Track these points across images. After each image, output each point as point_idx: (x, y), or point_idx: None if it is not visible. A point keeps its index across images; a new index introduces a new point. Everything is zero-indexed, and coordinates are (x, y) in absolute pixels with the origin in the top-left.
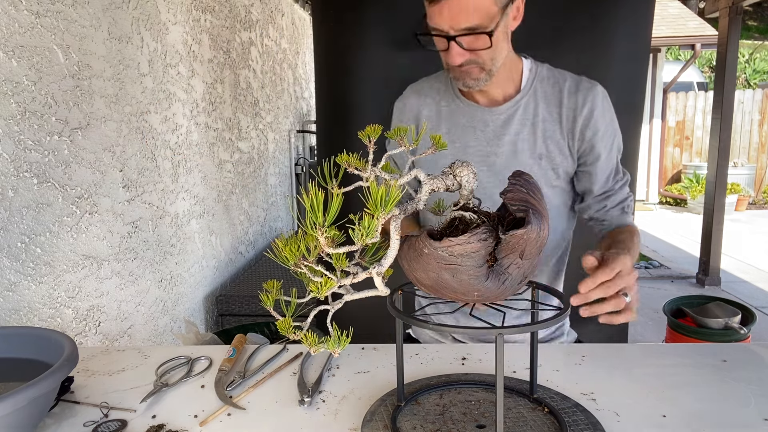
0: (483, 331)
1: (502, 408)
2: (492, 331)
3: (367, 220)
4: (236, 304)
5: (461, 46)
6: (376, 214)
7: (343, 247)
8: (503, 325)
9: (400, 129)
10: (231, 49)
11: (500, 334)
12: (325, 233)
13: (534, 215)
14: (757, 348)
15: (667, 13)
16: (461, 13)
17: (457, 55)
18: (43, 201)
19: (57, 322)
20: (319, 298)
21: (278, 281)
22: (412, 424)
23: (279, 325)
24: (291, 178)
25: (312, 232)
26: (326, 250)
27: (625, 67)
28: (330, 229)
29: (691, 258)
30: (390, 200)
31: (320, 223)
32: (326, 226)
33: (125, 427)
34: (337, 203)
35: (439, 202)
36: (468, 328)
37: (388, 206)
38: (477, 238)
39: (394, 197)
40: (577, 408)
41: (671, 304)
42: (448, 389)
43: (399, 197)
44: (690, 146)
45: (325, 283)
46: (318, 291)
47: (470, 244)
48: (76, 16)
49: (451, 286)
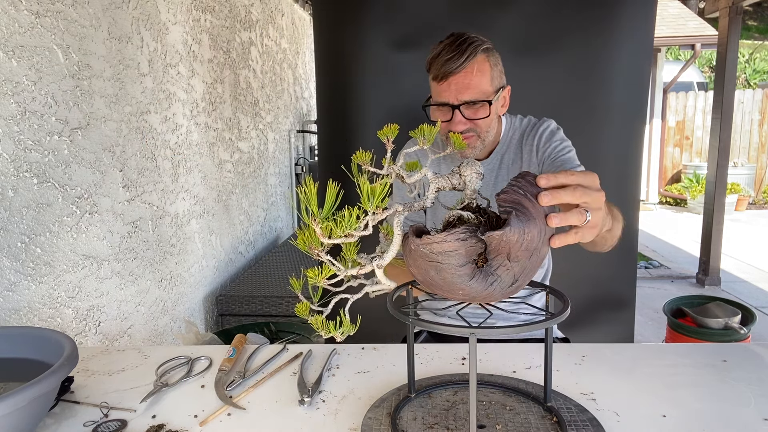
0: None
1: (475, 407)
2: (465, 331)
3: (348, 212)
4: (236, 304)
5: (463, 116)
6: (367, 208)
7: (337, 238)
8: (479, 325)
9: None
10: (231, 49)
11: (472, 333)
12: (320, 224)
13: (517, 217)
14: (757, 348)
15: (667, 13)
16: (466, 88)
17: (459, 123)
18: (43, 201)
19: (57, 322)
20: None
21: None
22: (414, 415)
23: (298, 308)
24: (291, 178)
25: (308, 221)
26: (321, 240)
27: (627, 68)
28: (324, 220)
29: (691, 258)
30: (378, 195)
31: (315, 214)
32: (322, 217)
33: (125, 427)
34: (333, 195)
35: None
36: (444, 326)
37: (376, 200)
38: (454, 237)
39: (380, 192)
40: (591, 423)
41: (671, 304)
42: (464, 387)
43: (386, 192)
44: (690, 146)
45: (323, 270)
46: (315, 278)
47: (447, 242)
48: (76, 16)
49: (437, 283)
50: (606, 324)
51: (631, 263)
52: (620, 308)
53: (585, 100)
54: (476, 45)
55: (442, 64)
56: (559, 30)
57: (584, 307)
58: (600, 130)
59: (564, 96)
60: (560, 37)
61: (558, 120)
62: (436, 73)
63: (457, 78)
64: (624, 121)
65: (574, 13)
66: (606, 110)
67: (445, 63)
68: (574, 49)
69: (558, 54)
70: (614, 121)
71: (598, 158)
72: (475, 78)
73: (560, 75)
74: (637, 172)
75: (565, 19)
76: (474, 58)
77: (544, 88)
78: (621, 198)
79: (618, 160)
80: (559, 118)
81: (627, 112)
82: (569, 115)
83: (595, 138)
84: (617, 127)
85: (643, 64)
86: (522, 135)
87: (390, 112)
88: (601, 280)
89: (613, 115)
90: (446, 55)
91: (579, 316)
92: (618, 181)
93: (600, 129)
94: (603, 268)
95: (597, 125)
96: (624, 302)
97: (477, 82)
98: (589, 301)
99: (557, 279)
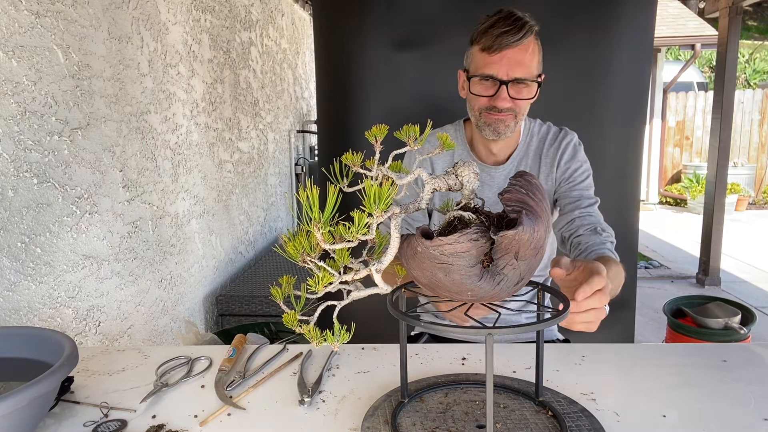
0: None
1: (492, 408)
2: (482, 331)
3: (357, 216)
4: (236, 304)
5: (508, 93)
6: (372, 212)
7: (340, 243)
8: (494, 326)
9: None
10: (231, 49)
11: (489, 334)
12: (321, 229)
13: (527, 216)
14: (757, 348)
15: (667, 13)
16: (518, 65)
17: (505, 100)
18: (43, 201)
19: (57, 322)
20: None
21: (292, 276)
22: (412, 420)
23: (285, 319)
24: (291, 178)
25: (308, 228)
26: (323, 246)
27: (627, 68)
28: (325, 225)
29: (691, 258)
30: (383, 198)
31: (316, 219)
32: (322, 222)
33: (125, 427)
34: (334, 200)
35: (448, 202)
36: (459, 327)
37: (382, 204)
38: (467, 238)
39: (386, 195)
40: (583, 414)
41: (671, 304)
42: (454, 388)
43: (393, 195)
44: (690, 146)
45: (323, 278)
46: (315, 286)
47: (460, 243)
48: (76, 16)
49: (444, 285)
50: (606, 324)
51: (631, 263)
52: (620, 308)
53: (585, 100)
54: (531, 25)
55: (498, 35)
56: (559, 30)
57: None
58: (600, 130)
59: (564, 96)
60: (560, 38)
61: (558, 120)
62: (489, 43)
63: (512, 52)
64: (624, 121)
65: (574, 13)
66: (606, 110)
67: (502, 35)
68: (574, 50)
69: (558, 54)
70: (614, 121)
71: (598, 158)
72: (528, 56)
73: (560, 75)
74: (637, 172)
75: (565, 20)
76: (530, 36)
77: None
78: (621, 198)
79: (618, 160)
80: (559, 118)
81: (627, 112)
82: (569, 115)
83: (595, 138)
84: (617, 127)
85: (643, 64)
86: (542, 144)
87: (390, 112)
88: None
89: (613, 115)
90: (502, 27)
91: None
92: (618, 181)
93: (600, 129)
94: None
95: (597, 125)
96: (624, 302)
97: (529, 60)
98: None
99: None
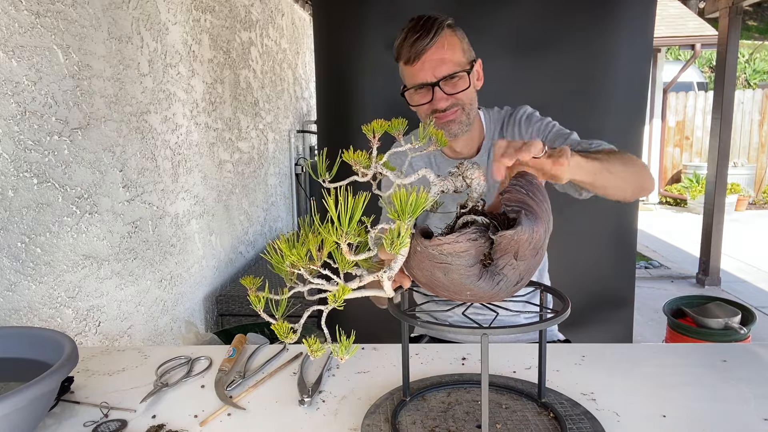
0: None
1: (487, 407)
2: (477, 331)
3: (398, 226)
4: (236, 304)
5: (443, 92)
6: (405, 220)
7: (363, 254)
8: (489, 326)
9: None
10: (231, 49)
11: (485, 334)
12: (346, 239)
13: (526, 216)
14: (757, 348)
15: (667, 13)
16: (441, 63)
17: (441, 99)
18: (43, 201)
19: (57, 322)
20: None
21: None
22: (413, 419)
23: (275, 329)
24: (291, 178)
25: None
26: (349, 258)
27: (627, 68)
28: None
29: (691, 258)
30: (417, 206)
31: (346, 230)
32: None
33: (125, 427)
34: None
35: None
36: (455, 327)
37: (416, 211)
38: (466, 238)
39: (422, 203)
40: (585, 416)
41: (671, 304)
42: (456, 388)
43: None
44: (690, 146)
45: (342, 291)
46: (335, 299)
47: (459, 243)
48: (76, 16)
49: (443, 284)
50: (604, 323)
51: (629, 263)
52: (619, 308)
53: (585, 100)
54: (440, 21)
55: (411, 44)
56: (559, 30)
57: (583, 307)
58: (600, 130)
59: (564, 96)
60: (560, 37)
61: (558, 120)
62: (407, 56)
63: (429, 55)
64: (624, 121)
65: (574, 13)
66: (606, 110)
67: (415, 43)
68: (574, 49)
69: (558, 54)
70: (614, 121)
71: None
72: (447, 52)
73: (560, 75)
74: None
75: (565, 19)
76: (442, 33)
77: (544, 88)
78: None
79: None
80: (559, 118)
81: (627, 112)
82: (569, 115)
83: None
84: (617, 127)
85: (643, 64)
86: (501, 125)
87: (390, 113)
88: (599, 280)
89: (612, 115)
90: (414, 35)
91: (577, 316)
92: None
93: (600, 129)
94: (602, 267)
95: (597, 125)
96: (623, 302)
97: (450, 55)
98: (587, 300)
99: (556, 278)
